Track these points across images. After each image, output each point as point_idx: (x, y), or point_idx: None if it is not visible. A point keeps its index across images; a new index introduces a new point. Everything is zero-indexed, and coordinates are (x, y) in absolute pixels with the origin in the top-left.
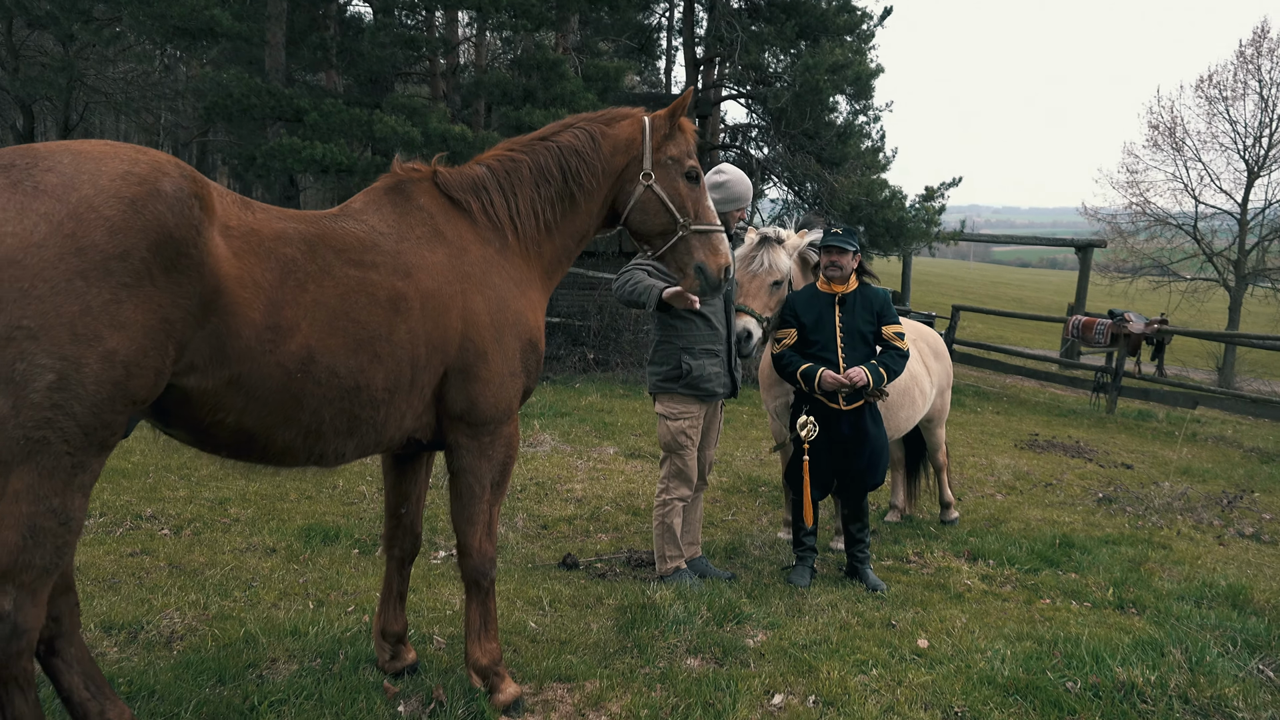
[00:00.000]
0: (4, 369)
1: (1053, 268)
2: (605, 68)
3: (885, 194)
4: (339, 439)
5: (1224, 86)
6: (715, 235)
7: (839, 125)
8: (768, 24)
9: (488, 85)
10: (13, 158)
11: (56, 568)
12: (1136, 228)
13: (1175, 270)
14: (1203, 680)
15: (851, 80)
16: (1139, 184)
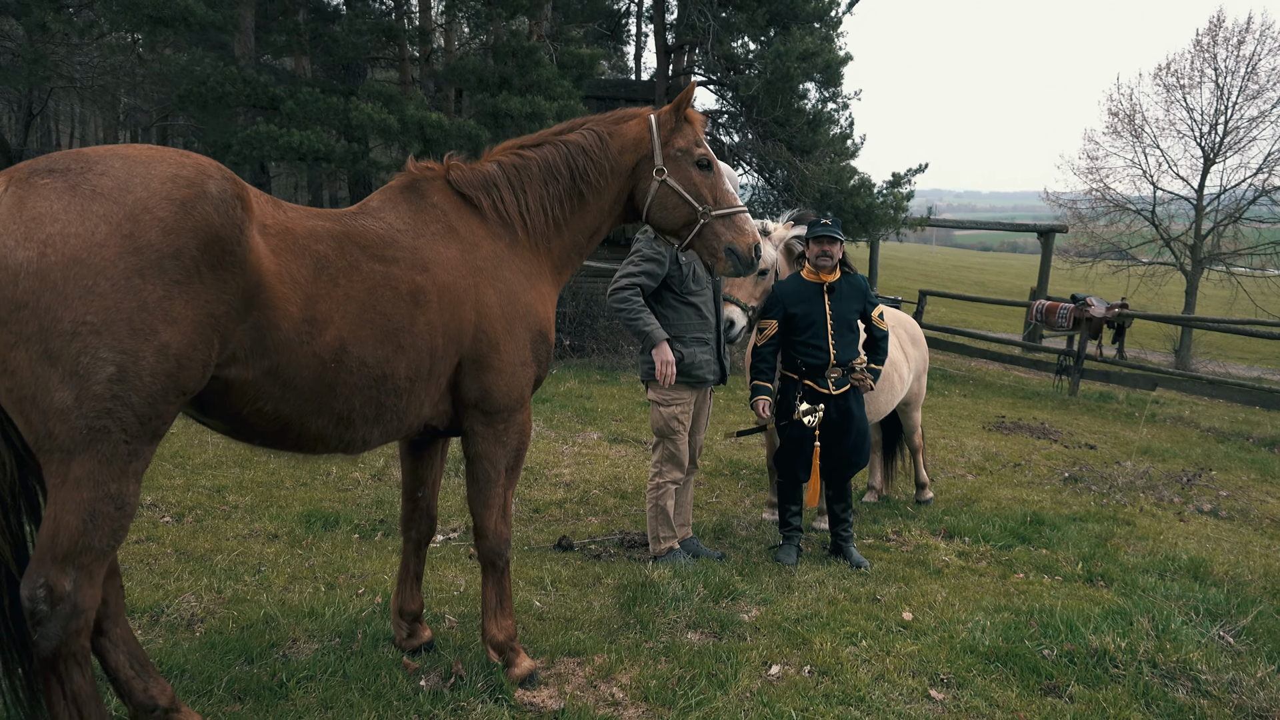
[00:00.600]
0: (69, 362)
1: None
2: (580, 55)
3: (854, 181)
4: (366, 426)
5: (1181, 75)
6: (739, 216)
7: (809, 113)
8: (739, 11)
9: (463, 72)
10: (66, 162)
11: (112, 550)
12: (1096, 213)
13: (1134, 254)
14: (1169, 646)
15: (821, 68)
16: (1099, 170)
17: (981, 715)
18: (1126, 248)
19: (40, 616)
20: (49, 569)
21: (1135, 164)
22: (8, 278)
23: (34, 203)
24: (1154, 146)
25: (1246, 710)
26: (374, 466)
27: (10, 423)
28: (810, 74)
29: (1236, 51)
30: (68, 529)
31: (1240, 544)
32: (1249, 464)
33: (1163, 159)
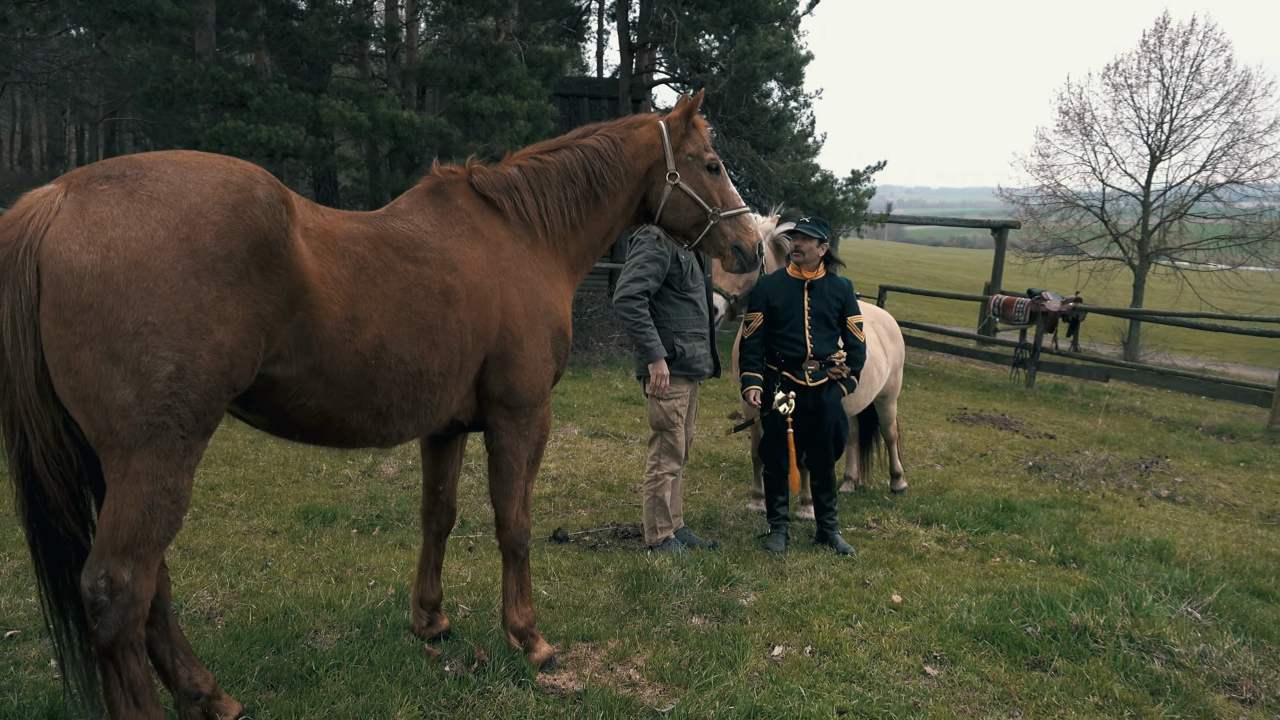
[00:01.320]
0: (131, 361)
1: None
2: (549, 54)
3: (817, 178)
4: (402, 420)
5: (1129, 75)
6: (744, 216)
7: (773, 111)
8: (702, 10)
9: (434, 71)
10: (121, 168)
11: (168, 542)
12: (1048, 209)
13: (1083, 249)
14: (1143, 622)
15: (784, 67)
16: (1050, 167)
17: (974, 689)
18: (1076, 243)
19: (100, 606)
20: (109, 560)
21: (1085, 161)
22: (73, 280)
23: (94, 208)
24: (1103, 144)
25: (1217, 679)
26: (363, 464)
27: (72, 420)
28: (774, 73)
29: (1181, 52)
30: (127, 521)
31: (1198, 527)
32: (1200, 452)
33: (1111, 156)
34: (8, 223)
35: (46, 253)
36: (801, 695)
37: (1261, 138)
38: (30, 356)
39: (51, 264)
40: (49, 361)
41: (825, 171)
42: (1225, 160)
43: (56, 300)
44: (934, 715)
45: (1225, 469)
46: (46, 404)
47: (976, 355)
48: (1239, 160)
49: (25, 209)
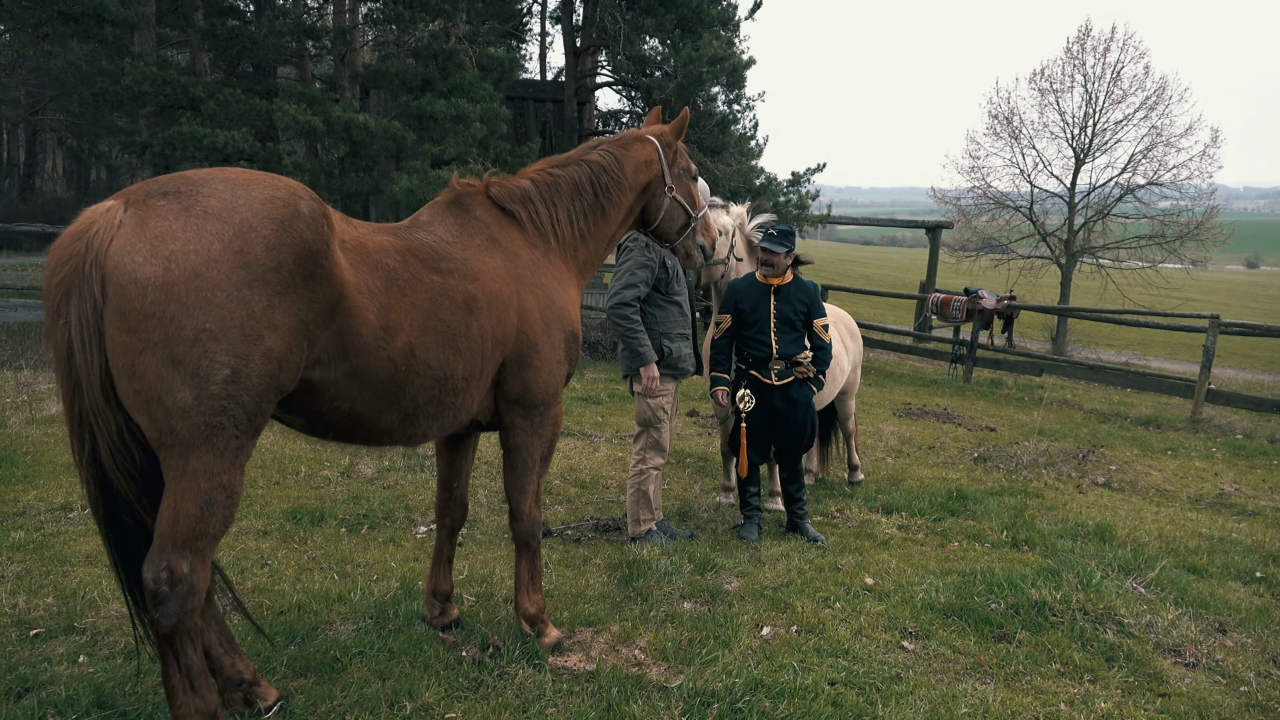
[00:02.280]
0: (191, 365)
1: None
2: (499, 57)
3: (761, 180)
4: (427, 421)
5: (1054, 80)
6: (706, 216)
7: (718, 114)
8: (646, 15)
9: (387, 74)
10: (176, 185)
11: (222, 535)
12: (979, 209)
13: (1013, 249)
14: (1094, 597)
15: (728, 71)
16: (981, 169)
17: (948, 660)
18: (1006, 242)
19: (161, 597)
20: (170, 553)
21: (1013, 163)
22: (137, 290)
23: (155, 222)
24: (1030, 147)
25: (1164, 646)
26: (340, 465)
27: (132, 421)
28: (718, 77)
29: (1103, 59)
30: (187, 516)
31: (1134, 511)
32: (1130, 441)
33: (1039, 159)
34: (72, 237)
35: (111, 265)
36: (795, 669)
37: (1178, 141)
38: (96, 362)
39: (117, 275)
40: (113, 367)
41: (770, 174)
42: (1145, 162)
43: (121, 309)
44: (915, 684)
45: (1154, 457)
46: (110, 407)
47: (914, 352)
48: (1158, 163)
49: (88, 224)
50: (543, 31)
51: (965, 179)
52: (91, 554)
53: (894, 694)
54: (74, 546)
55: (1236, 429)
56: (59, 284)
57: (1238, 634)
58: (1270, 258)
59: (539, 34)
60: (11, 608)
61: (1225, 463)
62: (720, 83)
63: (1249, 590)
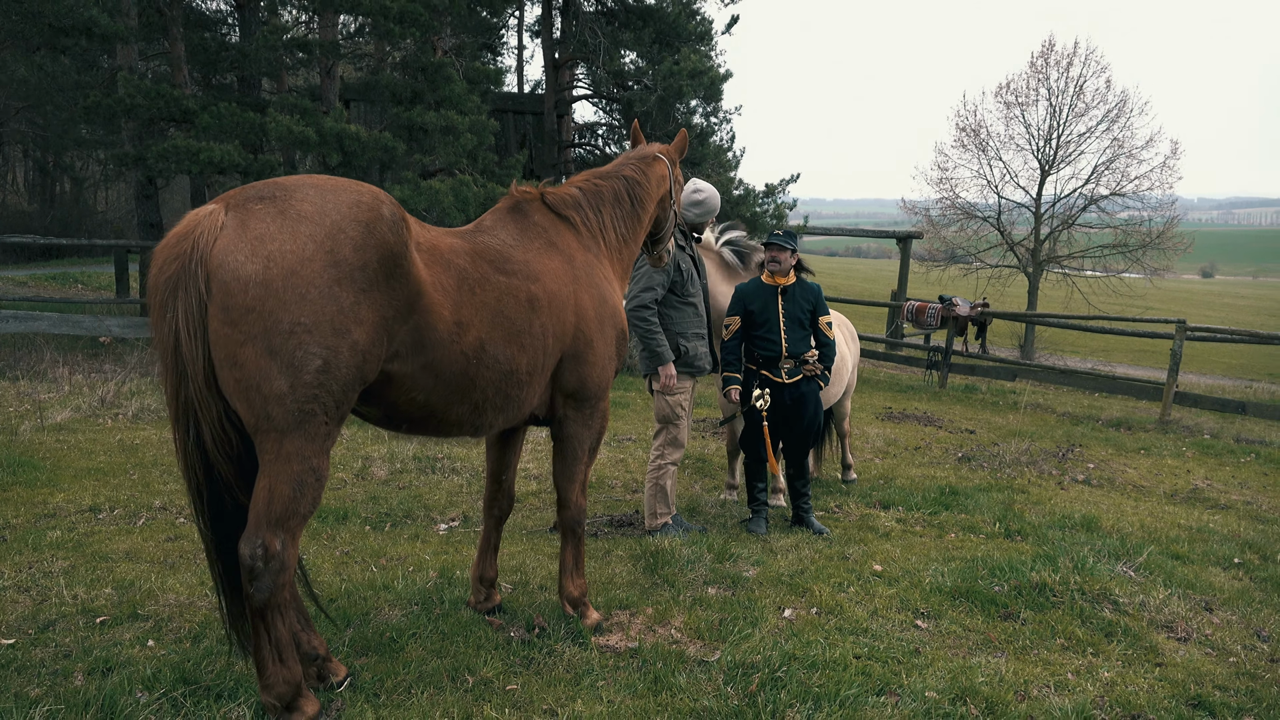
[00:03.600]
0: (287, 356)
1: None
2: (486, 70)
3: (739, 191)
4: (494, 413)
5: (1019, 93)
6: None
7: (697, 126)
8: (625, 29)
9: (378, 87)
10: (270, 190)
11: (311, 515)
12: (948, 220)
13: (981, 258)
14: (1090, 579)
15: (706, 85)
16: (949, 180)
17: (960, 637)
18: (974, 252)
19: (257, 572)
20: (265, 531)
21: (981, 175)
22: (240, 286)
23: (254, 224)
24: (997, 158)
25: (1157, 623)
26: (354, 468)
27: (230, 409)
28: (698, 90)
29: (1066, 73)
30: (281, 497)
31: (1114, 505)
32: (1104, 442)
33: (1005, 170)
34: (179, 237)
35: (216, 263)
36: (822, 644)
37: (1139, 153)
38: (201, 353)
39: (221, 273)
40: (215, 357)
41: (748, 185)
42: (1108, 173)
43: (225, 304)
44: (933, 657)
45: (1128, 456)
46: (212, 394)
47: (889, 359)
48: (1120, 173)
49: (193, 225)
50: (519, 45)
51: (934, 190)
52: (131, 550)
53: (915, 666)
54: (111, 545)
55: (1204, 429)
56: (166, 281)
57: (1223, 612)
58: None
59: (516, 48)
60: (73, 598)
61: (1196, 460)
62: (699, 95)
63: (1229, 575)
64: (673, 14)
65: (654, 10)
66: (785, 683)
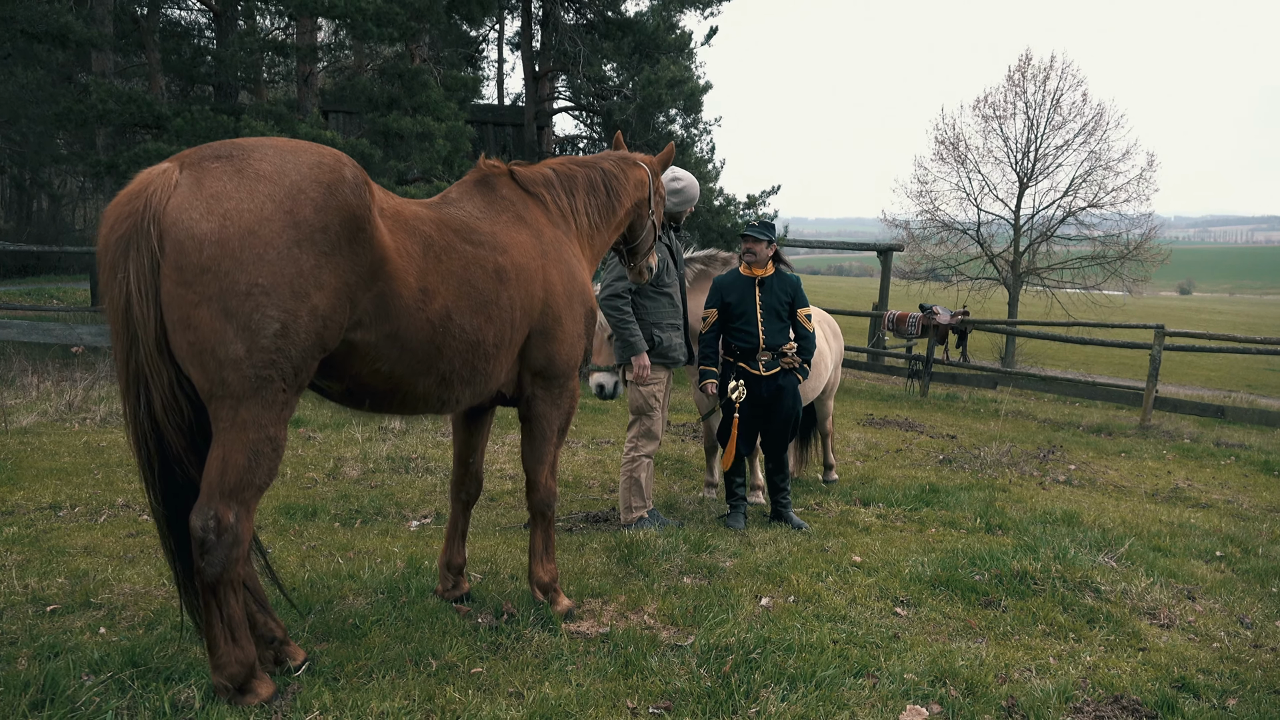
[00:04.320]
0: (243, 318)
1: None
2: (464, 78)
3: (719, 202)
4: (461, 386)
5: (997, 107)
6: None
7: (677, 137)
8: (605, 39)
9: (355, 92)
10: (228, 149)
11: (266, 487)
12: (928, 233)
13: (961, 270)
14: (1071, 567)
15: (685, 95)
16: (929, 193)
17: (940, 624)
18: (955, 265)
19: (208, 545)
20: (217, 502)
21: (960, 188)
22: (194, 245)
23: (210, 182)
24: (976, 171)
25: (1140, 610)
26: (325, 468)
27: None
28: (677, 100)
29: (1043, 87)
30: (235, 466)
31: (1095, 503)
32: (1085, 446)
33: (985, 183)
34: (130, 195)
35: (169, 221)
36: (799, 629)
37: (1116, 165)
38: (152, 315)
39: (175, 231)
40: (168, 320)
41: (729, 195)
42: (1085, 186)
43: (179, 263)
44: (913, 642)
45: (1109, 459)
46: (164, 360)
47: (871, 368)
48: (1097, 186)
49: (146, 184)
50: (499, 58)
51: (914, 203)
52: (90, 545)
53: (894, 650)
54: (70, 540)
55: (1184, 434)
56: (118, 240)
57: (1206, 600)
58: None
59: (496, 60)
60: (24, 588)
61: (1176, 463)
62: (678, 106)
63: (1210, 567)
64: (652, 26)
65: (633, 22)
66: (760, 664)
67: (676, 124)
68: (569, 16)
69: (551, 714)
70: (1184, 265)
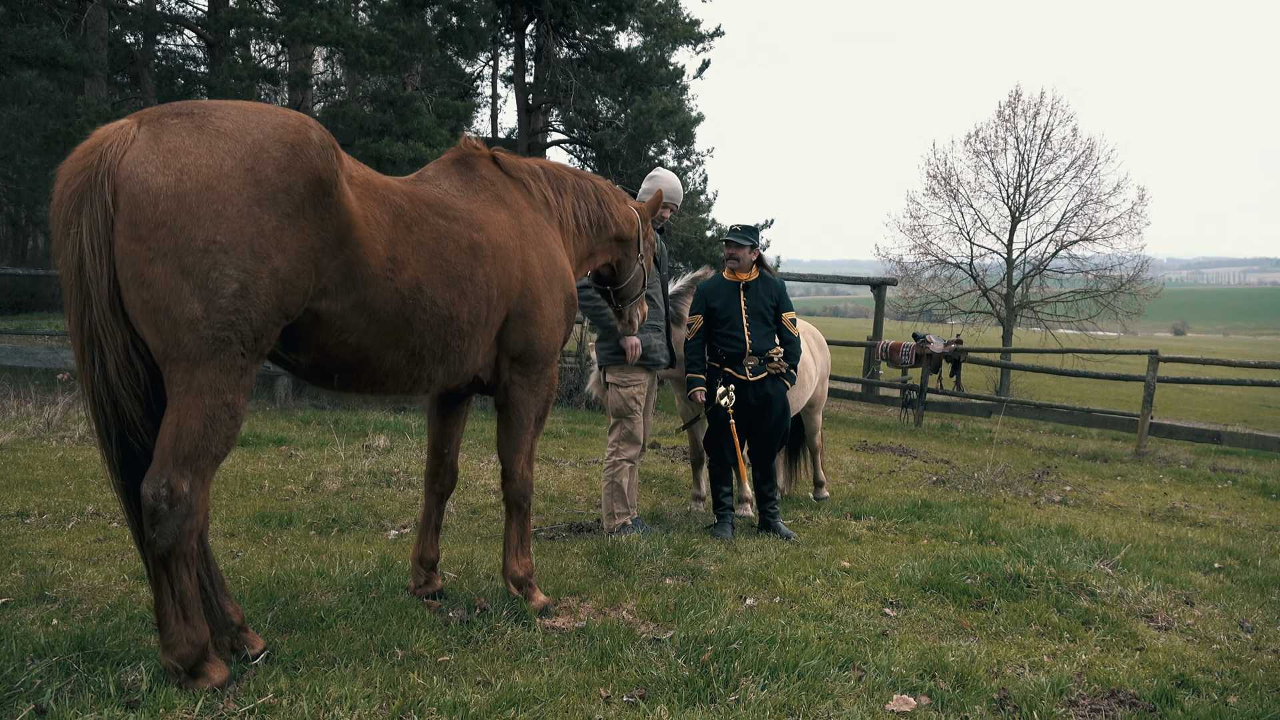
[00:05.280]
0: (200, 276)
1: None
2: (456, 106)
3: (712, 233)
4: (433, 364)
5: (988, 141)
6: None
7: (669, 168)
8: (598, 71)
9: (346, 118)
10: (189, 108)
11: (223, 457)
12: (920, 267)
13: (956, 305)
14: (1066, 571)
15: (677, 126)
16: (921, 227)
17: (929, 624)
18: (949, 300)
19: (160, 515)
20: (170, 470)
21: (952, 222)
22: (149, 199)
23: (168, 137)
24: (968, 206)
25: (1136, 612)
26: (304, 481)
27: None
28: (668, 131)
29: (1033, 122)
30: (189, 432)
31: (1091, 521)
32: (1081, 469)
33: (977, 217)
34: (86, 150)
35: (124, 174)
36: (783, 626)
37: (1107, 199)
38: (106, 272)
39: (129, 185)
40: (121, 277)
41: (720, 226)
42: (1077, 219)
43: (133, 218)
44: (902, 640)
45: (1105, 481)
46: (118, 320)
47: (865, 399)
48: (1089, 219)
49: (102, 138)
50: (493, 94)
51: (907, 237)
52: (55, 549)
53: (882, 646)
54: (33, 544)
55: (1180, 460)
56: (71, 195)
57: (1204, 606)
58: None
59: (490, 96)
60: None
61: (1173, 486)
62: (670, 137)
63: (1209, 577)
64: (645, 62)
65: (625, 54)
66: (740, 654)
67: (669, 154)
68: (562, 51)
69: (520, 700)
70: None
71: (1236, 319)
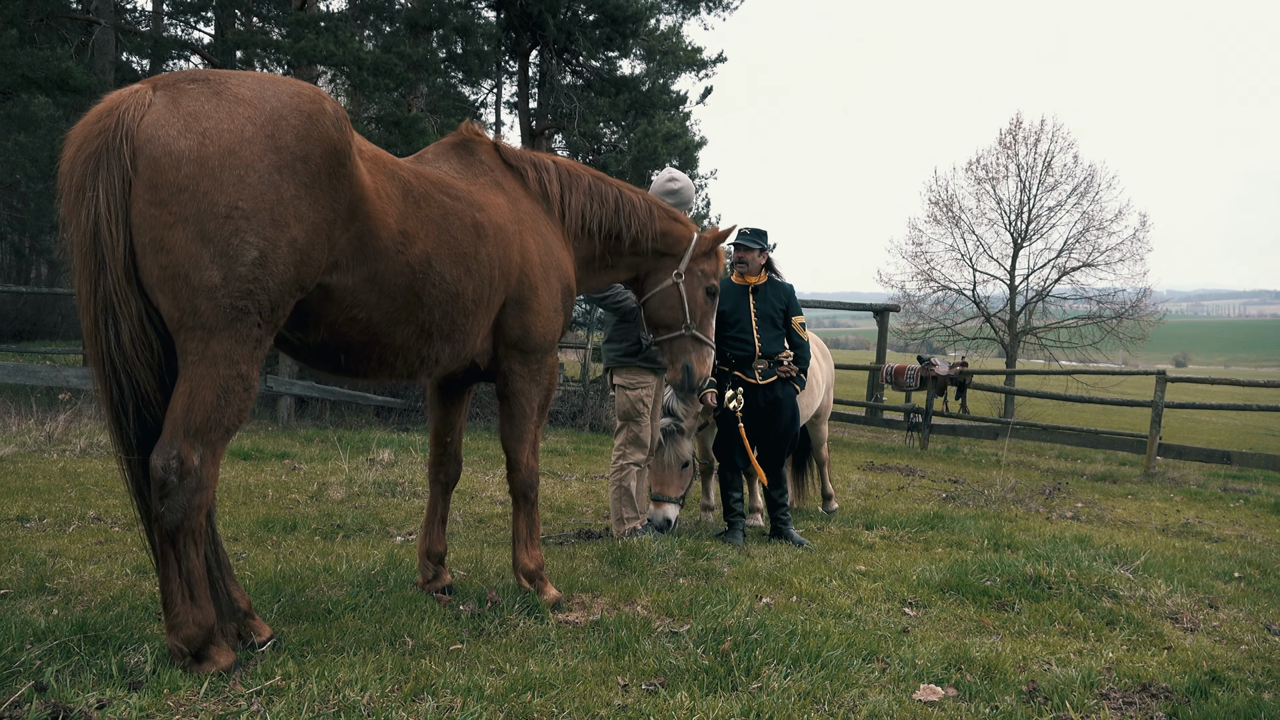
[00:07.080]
0: (221, 243)
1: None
2: None
3: None
4: (441, 342)
5: (990, 168)
6: (707, 349)
7: None
8: (601, 95)
9: None
10: (205, 75)
11: (235, 431)
12: (923, 294)
13: (959, 331)
14: (1087, 573)
15: (680, 150)
16: (924, 254)
17: (950, 623)
18: (951, 326)
19: (169, 488)
20: (180, 442)
21: (954, 249)
22: (171, 163)
23: (186, 102)
24: (970, 232)
25: (1161, 614)
26: (309, 490)
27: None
28: (672, 154)
29: (1034, 149)
30: (202, 403)
31: (1106, 534)
32: (1091, 489)
33: (979, 243)
34: (101, 113)
35: (144, 138)
36: (802, 620)
37: (1109, 225)
38: (122, 239)
39: (149, 148)
40: (138, 243)
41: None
42: (1079, 246)
43: (153, 182)
44: (924, 636)
45: (1116, 499)
46: (133, 288)
47: (870, 423)
48: (1091, 246)
49: (116, 102)
50: (497, 120)
51: (910, 264)
52: (55, 550)
53: (904, 641)
54: (34, 546)
55: (1190, 480)
56: (85, 159)
57: (1229, 610)
58: (1196, 356)
59: (494, 123)
60: None
61: (1184, 504)
62: (674, 161)
63: (1231, 585)
64: (647, 89)
65: (629, 80)
66: (761, 643)
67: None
68: (565, 77)
69: (536, 686)
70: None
71: (1238, 350)
